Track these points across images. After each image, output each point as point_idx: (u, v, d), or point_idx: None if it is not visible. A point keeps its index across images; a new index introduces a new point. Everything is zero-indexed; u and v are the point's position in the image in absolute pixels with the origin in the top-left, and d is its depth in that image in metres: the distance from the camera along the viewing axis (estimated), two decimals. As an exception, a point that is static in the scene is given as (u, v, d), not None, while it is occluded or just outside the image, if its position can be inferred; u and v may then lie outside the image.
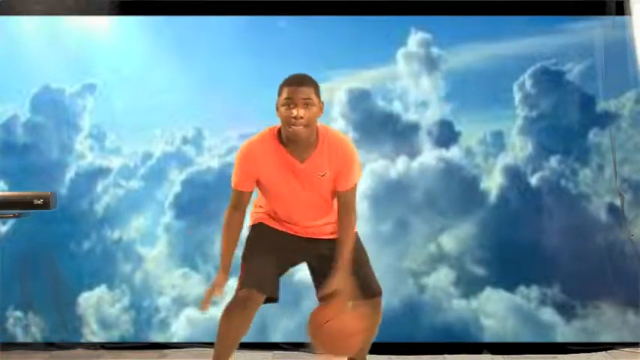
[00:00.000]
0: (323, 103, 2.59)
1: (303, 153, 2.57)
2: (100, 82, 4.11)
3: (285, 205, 2.68)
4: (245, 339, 2.49)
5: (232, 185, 2.66)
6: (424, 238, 4.07)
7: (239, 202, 2.66)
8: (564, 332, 4.00)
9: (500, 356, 3.88)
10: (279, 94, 2.54)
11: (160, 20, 4.11)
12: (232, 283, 2.66)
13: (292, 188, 2.61)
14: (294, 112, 2.48)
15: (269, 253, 2.66)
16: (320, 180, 2.61)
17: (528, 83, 4.08)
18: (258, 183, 2.65)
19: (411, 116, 4.10)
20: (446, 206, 4.07)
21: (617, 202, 4.02)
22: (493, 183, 4.08)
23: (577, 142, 4.08)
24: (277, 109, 2.55)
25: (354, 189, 2.67)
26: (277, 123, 2.60)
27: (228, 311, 2.61)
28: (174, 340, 4.05)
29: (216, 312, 4.03)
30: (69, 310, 4.05)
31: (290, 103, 2.49)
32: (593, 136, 4.08)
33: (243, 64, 4.05)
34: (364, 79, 4.08)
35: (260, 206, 2.79)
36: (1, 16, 4.07)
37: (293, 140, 2.53)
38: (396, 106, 4.10)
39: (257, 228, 2.75)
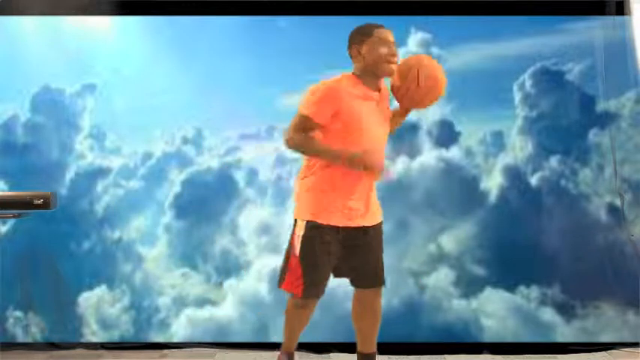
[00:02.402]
0: None
1: (375, 87, 2.88)
2: (100, 82, 4.12)
3: (360, 141, 2.75)
4: (245, 339, 2.49)
5: (304, 113, 2.72)
6: (424, 238, 4.07)
7: (305, 128, 2.73)
8: (564, 332, 4.00)
9: (500, 356, 3.88)
10: (370, 34, 2.82)
11: (159, 20, 4.11)
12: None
13: (371, 119, 2.81)
14: (394, 50, 2.84)
15: (327, 259, 2.81)
16: (387, 112, 2.96)
17: (528, 83, 4.08)
18: (334, 119, 2.72)
19: (410, 116, 4.08)
20: (446, 206, 4.07)
21: (617, 202, 4.02)
22: (493, 183, 4.08)
23: (577, 142, 4.08)
24: (360, 52, 2.83)
25: None
26: (277, 123, 2.57)
27: (290, 313, 2.93)
28: (174, 340, 4.05)
29: (214, 312, 4.08)
30: (69, 310, 4.06)
31: (390, 44, 2.83)
32: (593, 136, 4.08)
33: (243, 64, 4.05)
34: (364, 79, 4.08)
35: (311, 174, 2.82)
36: (1, 16, 4.07)
37: (377, 76, 2.84)
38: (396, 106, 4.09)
39: (314, 230, 2.80)
